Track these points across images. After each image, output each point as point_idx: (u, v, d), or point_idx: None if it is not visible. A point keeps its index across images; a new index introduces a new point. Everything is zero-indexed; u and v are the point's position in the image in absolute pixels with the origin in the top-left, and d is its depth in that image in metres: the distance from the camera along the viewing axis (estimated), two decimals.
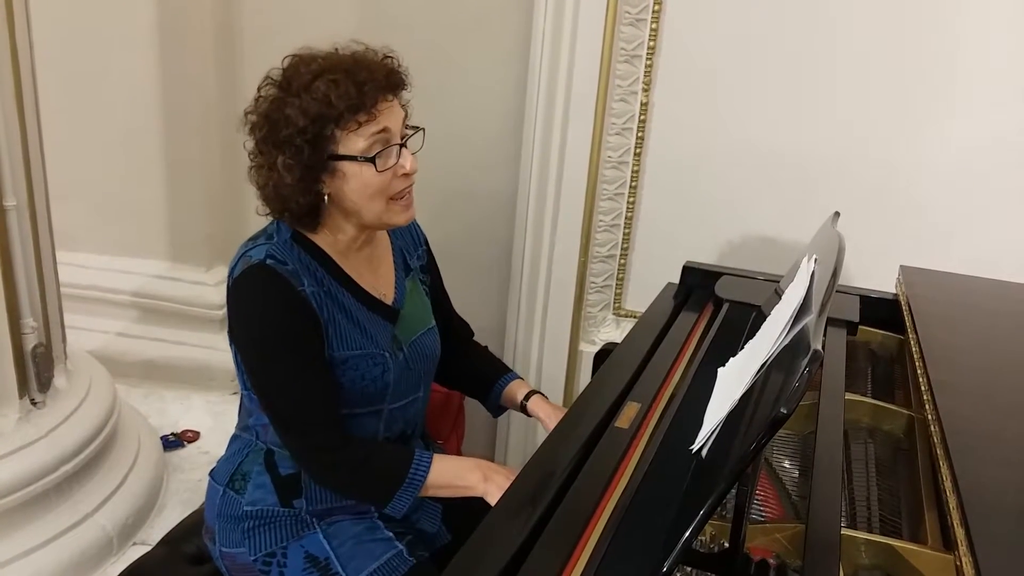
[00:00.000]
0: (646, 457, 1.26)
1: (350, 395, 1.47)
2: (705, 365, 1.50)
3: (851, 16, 2.23)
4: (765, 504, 1.28)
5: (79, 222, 3.00)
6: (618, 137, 2.48)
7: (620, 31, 2.36)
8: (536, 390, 1.73)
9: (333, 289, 1.45)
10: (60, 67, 2.81)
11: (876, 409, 1.50)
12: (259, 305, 1.41)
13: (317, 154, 1.35)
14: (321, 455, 1.44)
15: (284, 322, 1.40)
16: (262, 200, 1.43)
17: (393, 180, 1.40)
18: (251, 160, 1.43)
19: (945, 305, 1.77)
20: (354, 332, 1.46)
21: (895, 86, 2.25)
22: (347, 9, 2.70)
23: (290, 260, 1.41)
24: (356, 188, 1.39)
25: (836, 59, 2.27)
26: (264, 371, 1.43)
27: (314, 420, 1.43)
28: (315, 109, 1.32)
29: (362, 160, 1.36)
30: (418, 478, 1.44)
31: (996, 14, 2.15)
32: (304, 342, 1.41)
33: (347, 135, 1.36)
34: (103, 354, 2.87)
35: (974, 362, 1.48)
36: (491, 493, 1.44)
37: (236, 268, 1.42)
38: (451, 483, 1.47)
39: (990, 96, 2.20)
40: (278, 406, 1.44)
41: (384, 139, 1.38)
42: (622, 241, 2.61)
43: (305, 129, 1.33)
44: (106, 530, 2.21)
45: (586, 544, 1.07)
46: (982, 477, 1.05)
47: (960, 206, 2.29)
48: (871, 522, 1.21)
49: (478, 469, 1.48)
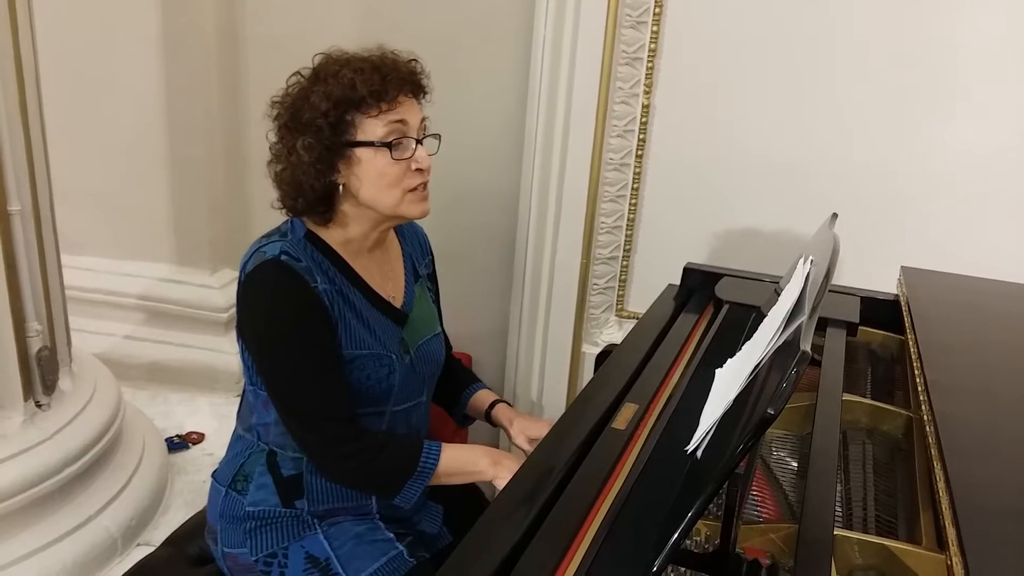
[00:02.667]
0: (642, 458, 1.27)
1: (355, 394, 1.48)
2: (703, 366, 1.50)
3: (851, 18, 2.23)
4: (762, 504, 1.28)
5: (85, 226, 3.02)
6: (619, 139, 2.49)
7: (621, 34, 2.37)
8: (502, 399, 1.74)
9: (344, 288, 1.47)
10: (66, 74, 2.84)
11: (875, 410, 1.50)
12: (273, 298, 1.41)
13: (336, 137, 1.39)
14: (337, 448, 1.44)
15: (301, 317, 1.41)
16: (277, 187, 1.46)
17: (407, 173, 1.42)
18: (271, 151, 1.46)
19: (945, 306, 1.77)
20: (363, 332, 1.47)
21: (895, 88, 2.25)
22: (349, 16, 2.71)
23: (304, 257, 1.42)
24: (371, 176, 1.41)
25: (837, 61, 2.27)
26: (278, 366, 1.43)
27: (330, 415, 1.44)
28: (338, 93, 1.37)
29: (379, 146, 1.39)
30: (428, 467, 1.46)
31: (996, 17, 2.15)
32: (320, 337, 1.42)
33: (366, 121, 1.39)
34: (109, 357, 2.88)
35: (972, 363, 1.47)
36: (501, 476, 1.47)
37: (249, 263, 1.43)
38: (462, 469, 1.50)
39: (990, 98, 2.20)
40: (292, 401, 1.44)
41: (402, 130, 1.41)
42: (624, 243, 2.61)
43: (327, 112, 1.37)
44: (110, 532, 2.21)
45: (580, 543, 1.08)
46: (976, 477, 1.05)
47: (962, 207, 2.29)
48: (867, 522, 1.21)
49: (487, 455, 1.51)
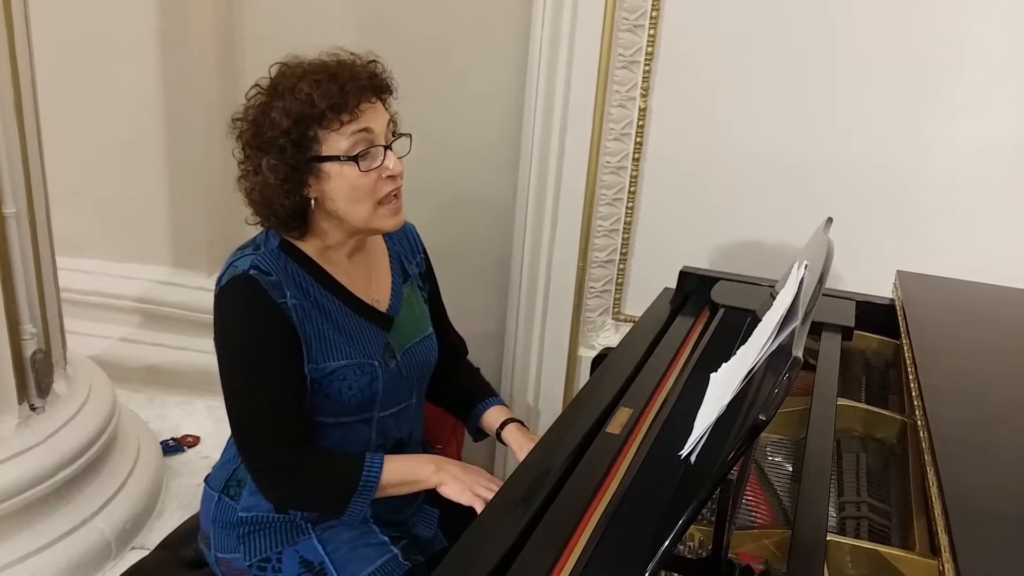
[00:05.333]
0: (636, 463, 1.26)
1: (338, 405, 1.47)
2: (698, 371, 1.50)
3: (850, 20, 2.22)
4: (756, 510, 1.28)
5: (82, 228, 3.02)
6: (616, 142, 2.48)
7: (618, 37, 2.36)
8: (515, 419, 1.69)
9: (320, 298, 1.45)
10: (63, 75, 2.84)
11: (869, 415, 1.49)
12: (235, 317, 1.41)
13: (301, 155, 1.36)
14: (268, 475, 1.44)
15: (255, 335, 1.40)
16: (249, 204, 1.44)
17: (378, 182, 1.40)
18: (239, 168, 1.44)
19: (940, 310, 1.76)
20: (341, 342, 1.46)
21: (894, 90, 2.24)
22: (347, 17, 2.70)
23: (275, 271, 1.40)
24: (341, 190, 1.38)
25: (835, 64, 2.26)
26: (231, 381, 1.43)
27: (267, 438, 1.42)
28: (297, 109, 1.33)
29: (345, 160, 1.36)
30: (371, 481, 1.45)
31: (997, 17, 2.14)
32: (271, 357, 1.40)
33: (330, 135, 1.36)
34: (106, 359, 2.87)
35: (966, 367, 1.47)
36: (445, 482, 1.46)
37: (223, 278, 1.42)
38: (404, 479, 1.48)
39: (990, 100, 2.19)
40: (238, 417, 1.44)
41: (367, 139, 1.38)
42: (621, 246, 2.60)
43: (289, 130, 1.34)
44: (104, 535, 2.21)
45: (574, 548, 1.07)
46: (969, 483, 1.05)
47: (960, 210, 2.28)
48: (860, 528, 1.21)
49: (431, 463, 1.50)
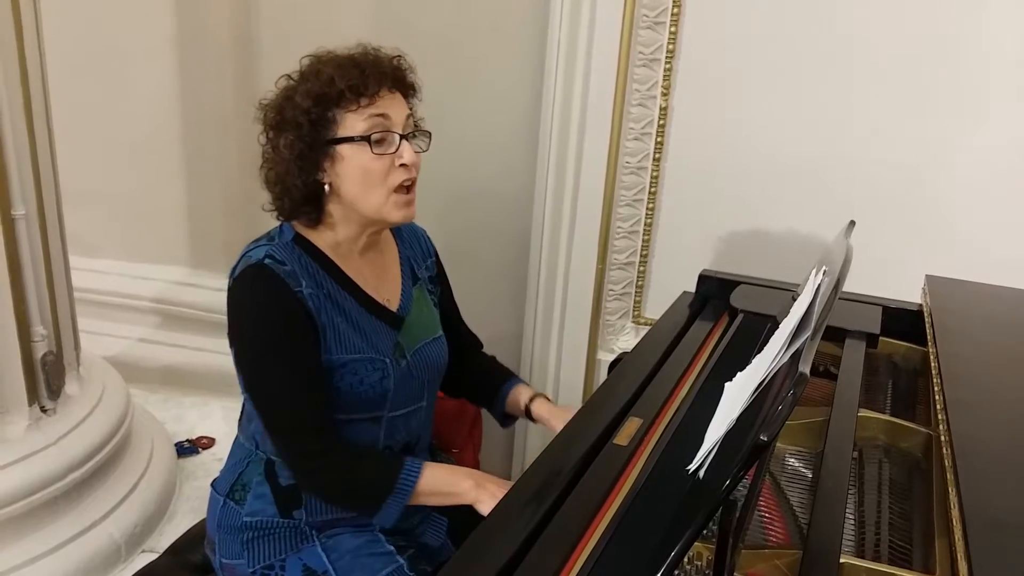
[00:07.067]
0: (644, 475, 1.22)
1: (348, 400, 1.45)
2: (713, 379, 1.45)
3: (876, 18, 2.16)
4: (770, 527, 1.23)
5: (99, 229, 3.05)
6: (636, 142, 2.43)
7: (638, 35, 2.32)
8: (541, 393, 1.70)
9: (334, 292, 1.45)
10: (82, 77, 2.86)
11: (892, 426, 1.43)
12: (254, 305, 1.41)
13: (317, 134, 1.38)
14: (305, 461, 1.43)
15: (277, 323, 1.40)
16: (266, 187, 1.46)
17: (391, 170, 1.40)
18: (262, 155, 1.46)
19: (970, 318, 1.69)
20: (354, 336, 1.45)
21: (918, 88, 2.17)
22: (362, 16, 2.68)
23: (289, 261, 1.41)
24: (354, 174, 1.39)
25: (857, 62, 2.20)
26: (255, 372, 1.43)
27: (299, 425, 1.42)
28: (318, 90, 1.37)
29: (359, 140, 1.38)
30: (408, 485, 1.43)
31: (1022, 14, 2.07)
32: (296, 344, 1.40)
33: (347, 116, 1.38)
34: (122, 360, 2.89)
35: (995, 379, 1.40)
36: (483, 500, 1.42)
37: (237, 268, 1.43)
38: (441, 490, 1.45)
39: (1017, 97, 2.12)
40: (266, 408, 1.44)
41: (384, 124, 1.40)
42: (641, 248, 2.55)
43: (308, 110, 1.37)
44: (114, 538, 2.20)
45: (576, 560, 1.05)
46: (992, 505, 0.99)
47: (989, 212, 2.20)
48: (880, 549, 1.15)
49: (470, 477, 1.46)
